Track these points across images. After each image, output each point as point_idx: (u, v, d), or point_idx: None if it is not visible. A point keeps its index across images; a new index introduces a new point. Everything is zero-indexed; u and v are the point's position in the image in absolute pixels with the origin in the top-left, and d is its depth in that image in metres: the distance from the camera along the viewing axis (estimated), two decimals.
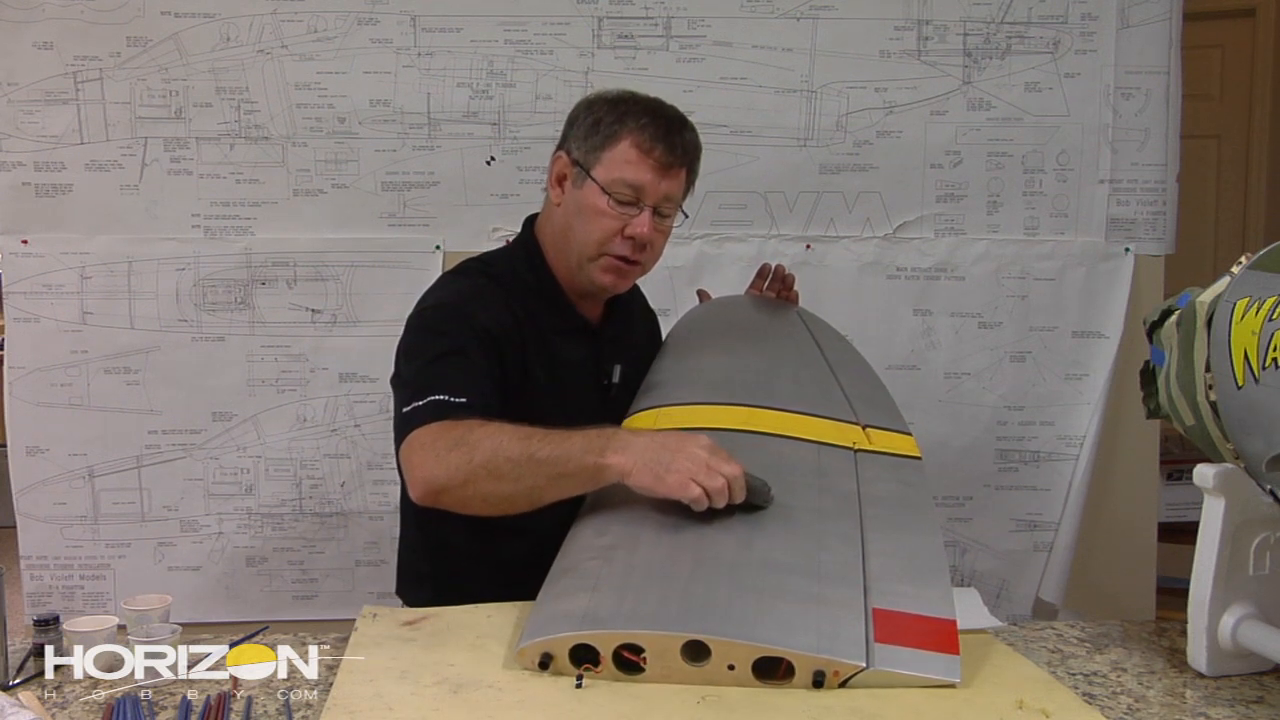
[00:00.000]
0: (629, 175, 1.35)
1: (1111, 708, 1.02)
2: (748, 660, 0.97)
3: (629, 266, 1.40)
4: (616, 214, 1.36)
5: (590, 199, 1.37)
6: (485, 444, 1.16)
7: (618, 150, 1.36)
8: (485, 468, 1.16)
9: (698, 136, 1.42)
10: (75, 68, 2.02)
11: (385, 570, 2.05)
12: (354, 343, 2.08)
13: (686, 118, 1.42)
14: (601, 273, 1.39)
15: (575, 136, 1.41)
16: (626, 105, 1.39)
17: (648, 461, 1.12)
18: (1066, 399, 2.19)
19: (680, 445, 1.13)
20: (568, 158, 1.40)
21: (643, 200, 1.36)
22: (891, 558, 1.09)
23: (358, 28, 2.06)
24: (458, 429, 1.19)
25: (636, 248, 1.38)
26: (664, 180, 1.36)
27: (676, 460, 1.11)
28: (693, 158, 1.41)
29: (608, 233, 1.37)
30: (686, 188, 1.43)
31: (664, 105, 1.41)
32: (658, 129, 1.36)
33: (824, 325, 1.69)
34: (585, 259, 1.39)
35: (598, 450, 1.13)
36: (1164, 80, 2.16)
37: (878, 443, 1.32)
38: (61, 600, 2.06)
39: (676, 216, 1.42)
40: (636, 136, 1.35)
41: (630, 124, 1.36)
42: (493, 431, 1.18)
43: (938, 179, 2.17)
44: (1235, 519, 1.09)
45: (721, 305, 1.77)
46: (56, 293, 2.04)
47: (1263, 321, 0.98)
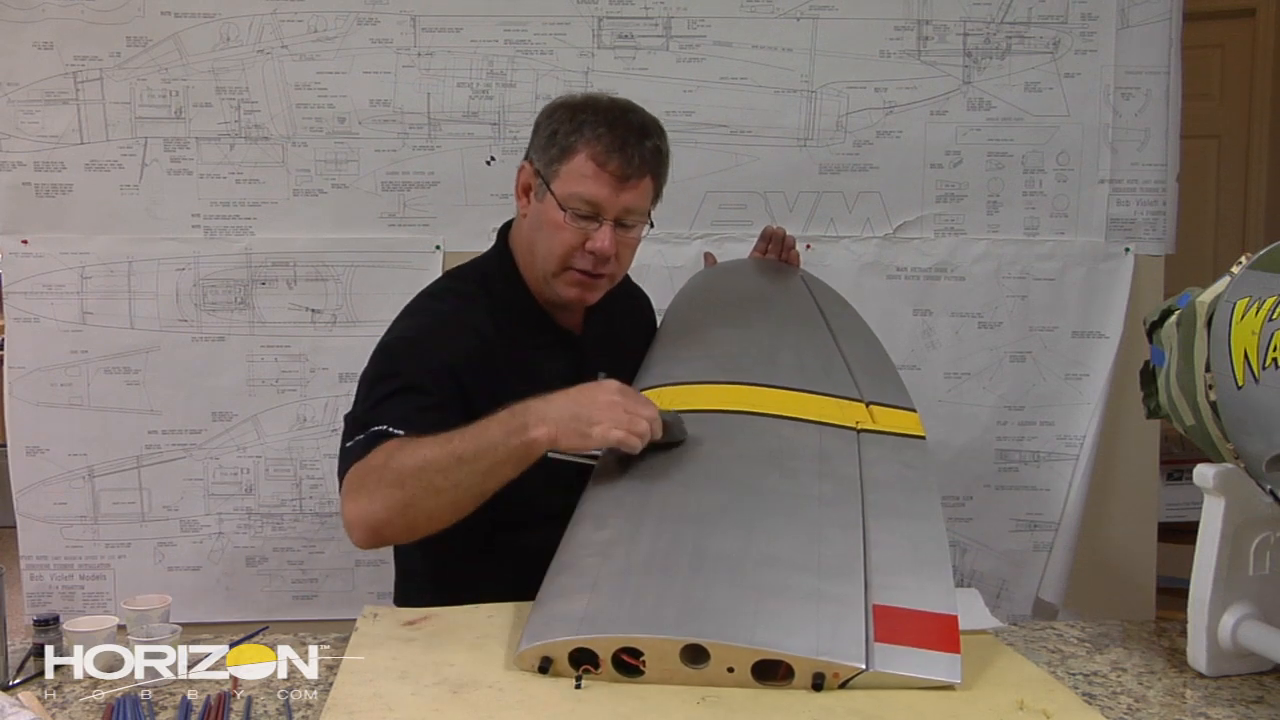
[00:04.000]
0: (585, 190, 1.32)
1: (1111, 708, 1.02)
2: (747, 663, 0.97)
3: (593, 280, 1.37)
4: (575, 229, 1.33)
5: (549, 213, 1.34)
6: (409, 463, 1.16)
7: (574, 164, 1.33)
8: (418, 485, 1.15)
9: (663, 142, 1.38)
10: (75, 68, 2.02)
11: (385, 570, 2.04)
12: (354, 343, 2.07)
13: (651, 123, 1.37)
14: (566, 287, 1.38)
15: (536, 146, 1.38)
16: (585, 114, 1.34)
17: (569, 423, 1.14)
18: (1066, 399, 2.19)
19: (593, 397, 1.15)
20: (531, 168, 1.38)
21: (601, 215, 1.33)
22: (893, 547, 1.09)
23: (358, 28, 2.06)
24: (377, 458, 1.18)
25: (598, 262, 1.35)
26: (622, 193, 1.33)
27: (595, 413, 1.13)
28: (655, 166, 1.36)
29: (568, 247, 1.34)
30: (654, 196, 1.39)
31: (626, 112, 1.36)
32: (614, 139, 1.32)
33: (828, 290, 1.67)
34: (549, 274, 1.37)
35: (519, 429, 1.14)
36: (1164, 80, 2.16)
37: (881, 421, 1.31)
38: (61, 600, 2.06)
39: (644, 227, 1.39)
40: (591, 148, 1.32)
41: (587, 134, 1.32)
42: (412, 449, 1.17)
43: (938, 179, 2.17)
44: (1235, 519, 1.09)
45: (725, 271, 1.76)
46: (56, 293, 2.04)
47: (1263, 321, 0.98)
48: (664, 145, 1.38)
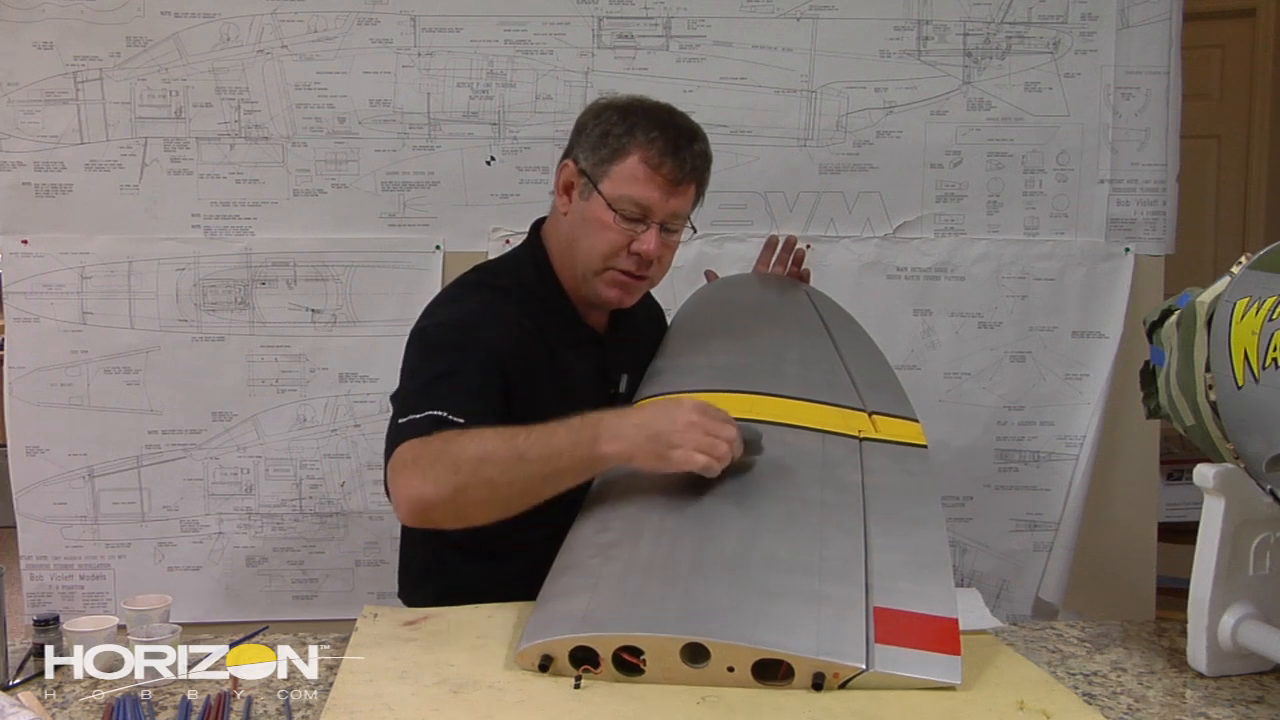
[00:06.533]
0: (636, 193, 1.32)
1: (1111, 708, 1.02)
2: (747, 662, 0.97)
3: (635, 281, 1.38)
4: (622, 230, 1.34)
5: (596, 212, 1.34)
6: (470, 450, 1.15)
7: (626, 165, 1.33)
8: (474, 475, 1.14)
9: (708, 147, 1.39)
10: (75, 68, 2.02)
11: (385, 570, 2.05)
12: (354, 343, 2.08)
13: (697, 128, 1.38)
14: (606, 287, 1.38)
15: (583, 145, 1.37)
16: (636, 117, 1.35)
17: (645, 443, 1.11)
18: (1066, 399, 2.19)
19: (672, 417, 1.11)
20: (575, 167, 1.37)
21: (650, 217, 1.33)
22: (894, 552, 1.09)
23: (358, 28, 2.06)
24: (436, 441, 1.17)
25: (642, 264, 1.36)
26: (672, 198, 1.34)
27: (675, 435, 1.10)
28: (702, 171, 1.38)
29: (613, 247, 1.35)
30: (696, 200, 1.40)
31: (674, 115, 1.38)
32: (667, 144, 1.32)
33: (832, 305, 1.67)
34: (590, 272, 1.37)
35: (589, 441, 1.12)
36: (1164, 80, 2.16)
37: (884, 430, 1.31)
38: (61, 600, 2.06)
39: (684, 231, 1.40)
40: (645, 151, 1.32)
41: (640, 137, 1.33)
42: (475, 437, 1.16)
43: (938, 179, 2.17)
44: (1235, 519, 1.09)
45: (728, 285, 1.75)
46: (56, 293, 2.04)
47: (1263, 321, 0.98)
48: (709, 150, 1.39)
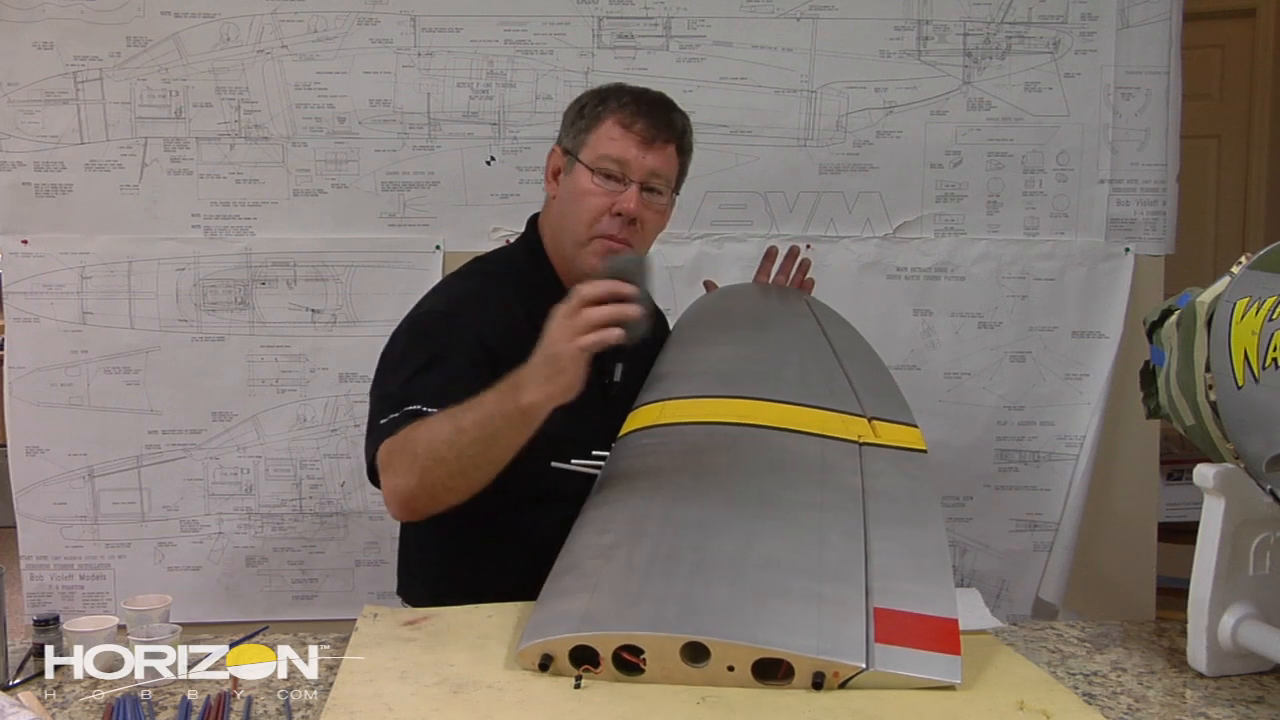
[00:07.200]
0: (612, 150, 1.38)
1: (1111, 708, 1.02)
2: (747, 661, 0.97)
3: (620, 247, 1.39)
4: (603, 191, 1.38)
5: (579, 182, 1.39)
6: (422, 436, 1.20)
7: (601, 130, 1.39)
8: (429, 457, 1.19)
9: (687, 120, 1.45)
10: (75, 68, 2.02)
11: (385, 570, 2.05)
12: (354, 343, 2.08)
13: (674, 102, 1.44)
14: (593, 257, 1.39)
15: (564, 128, 1.45)
16: (610, 90, 1.43)
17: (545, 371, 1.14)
18: (1066, 399, 2.19)
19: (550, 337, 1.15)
20: (559, 150, 1.44)
21: (628, 175, 1.38)
22: (894, 554, 1.09)
23: (358, 28, 2.06)
24: (400, 436, 1.22)
25: (625, 224, 1.38)
26: (649, 154, 1.38)
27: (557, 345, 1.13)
28: (680, 134, 1.43)
29: (596, 211, 1.38)
30: (680, 169, 1.44)
31: (650, 90, 1.44)
32: (640, 106, 1.39)
33: (832, 314, 1.67)
34: (577, 244, 1.40)
35: (510, 397, 1.16)
36: (1164, 80, 2.16)
37: (883, 435, 1.32)
38: (61, 600, 2.06)
39: (670, 198, 1.43)
40: (619, 114, 1.39)
41: (613, 104, 1.40)
42: (427, 423, 1.21)
43: (938, 179, 2.17)
44: (1235, 519, 1.09)
45: (728, 294, 1.75)
46: (56, 293, 2.04)
47: (1263, 321, 0.98)
48: (688, 124, 1.45)
